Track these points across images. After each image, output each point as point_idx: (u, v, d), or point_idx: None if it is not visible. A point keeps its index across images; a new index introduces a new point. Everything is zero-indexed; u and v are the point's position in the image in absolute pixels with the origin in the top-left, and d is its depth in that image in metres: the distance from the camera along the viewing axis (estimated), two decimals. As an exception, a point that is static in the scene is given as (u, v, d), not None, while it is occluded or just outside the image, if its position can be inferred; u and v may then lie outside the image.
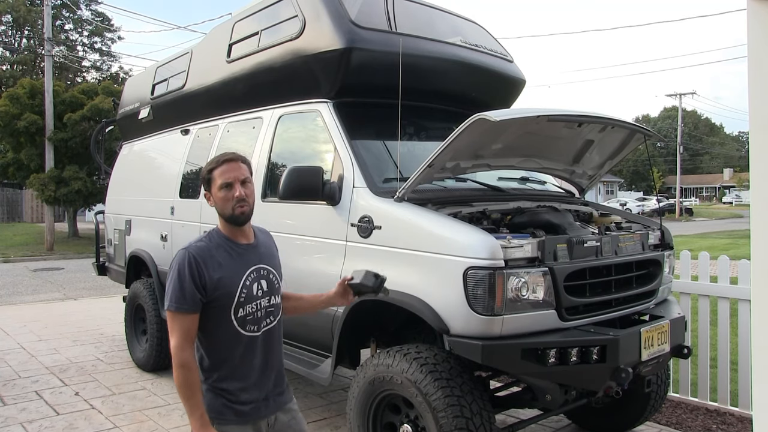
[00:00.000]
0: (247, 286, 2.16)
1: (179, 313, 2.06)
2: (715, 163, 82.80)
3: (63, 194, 17.65)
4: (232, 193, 2.13)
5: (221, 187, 2.14)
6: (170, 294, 2.07)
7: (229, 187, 2.13)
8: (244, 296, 2.15)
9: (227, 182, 2.13)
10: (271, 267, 2.27)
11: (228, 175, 2.14)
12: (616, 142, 3.94)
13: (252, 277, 2.18)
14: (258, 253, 2.24)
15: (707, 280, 4.64)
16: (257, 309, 2.20)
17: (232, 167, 2.16)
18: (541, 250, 2.99)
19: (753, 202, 1.39)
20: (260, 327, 2.21)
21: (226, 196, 2.13)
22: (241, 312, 2.15)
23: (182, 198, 5.27)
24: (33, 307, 9.30)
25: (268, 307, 2.24)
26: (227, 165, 2.16)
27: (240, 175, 2.16)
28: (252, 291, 2.17)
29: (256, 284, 2.19)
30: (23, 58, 32.39)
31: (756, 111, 1.38)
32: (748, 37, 1.39)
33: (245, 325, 2.16)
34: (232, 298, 2.12)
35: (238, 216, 2.15)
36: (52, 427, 4.37)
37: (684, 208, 45.17)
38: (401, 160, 3.65)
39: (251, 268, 2.19)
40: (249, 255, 2.21)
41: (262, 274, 2.22)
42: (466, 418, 2.83)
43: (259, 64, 4.40)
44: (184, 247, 2.12)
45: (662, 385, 3.95)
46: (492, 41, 4.78)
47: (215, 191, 2.16)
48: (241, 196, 2.13)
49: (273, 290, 2.26)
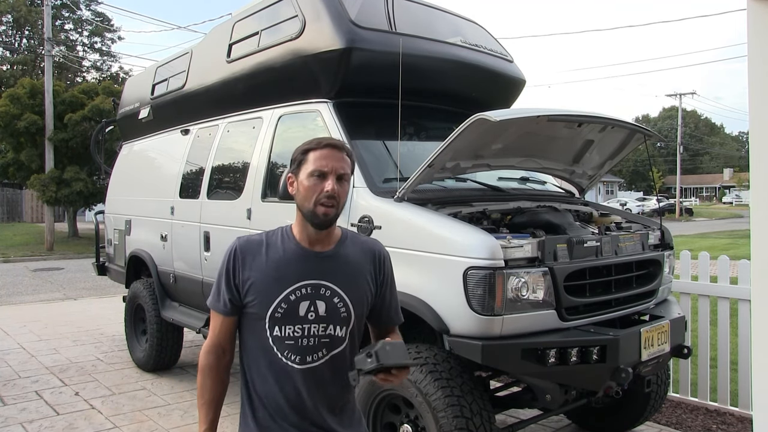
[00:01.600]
0: (291, 301, 1.73)
1: (213, 311, 1.81)
2: (715, 163, 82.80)
3: (64, 195, 17.66)
4: (322, 185, 1.70)
5: (312, 174, 1.72)
6: (213, 288, 1.81)
7: (322, 177, 1.71)
8: (282, 312, 1.73)
9: (322, 170, 1.71)
10: (339, 288, 1.76)
11: (325, 162, 1.72)
12: (616, 142, 3.95)
13: (301, 293, 1.73)
14: (328, 266, 1.77)
15: (707, 280, 4.64)
16: (303, 335, 1.74)
17: (333, 155, 1.74)
18: (541, 250, 2.99)
19: (753, 202, 1.39)
20: (305, 360, 1.75)
21: (315, 187, 1.71)
22: (277, 331, 1.74)
23: (182, 198, 5.27)
24: (33, 307, 9.30)
25: (321, 336, 1.76)
26: (329, 150, 1.74)
27: (339, 168, 1.73)
28: (296, 309, 1.73)
29: (307, 303, 1.74)
30: (23, 58, 32.40)
31: (756, 111, 1.38)
32: (748, 37, 1.39)
33: (283, 349, 1.74)
34: (264, 310, 1.73)
35: (319, 216, 1.71)
36: (52, 427, 4.37)
37: (684, 208, 45.17)
38: (401, 160, 3.64)
39: (304, 281, 1.74)
40: (310, 265, 1.76)
41: (321, 293, 1.75)
42: (466, 418, 2.83)
43: (259, 64, 4.40)
44: (239, 237, 1.82)
45: (662, 385, 3.96)
46: (492, 41, 4.78)
47: (303, 177, 1.74)
48: (333, 192, 1.70)
49: (334, 318, 1.76)
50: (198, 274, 4.88)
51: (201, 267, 4.83)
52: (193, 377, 5.55)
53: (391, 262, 1.91)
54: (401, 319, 1.96)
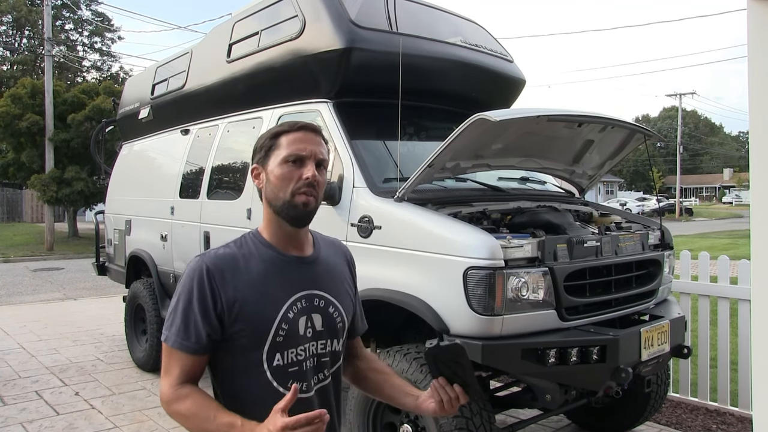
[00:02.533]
0: (290, 319, 1.46)
1: (179, 351, 1.42)
2: (715, 163, 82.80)
3: (65, 195, 17.66)
4: (300, 172, 1.46)
5: (287, 159, 1.46)
6: (173, 320, 1.43)
7: (299, 163, 1.47)
8: (284, 335, 1.45)
9: (299, 155, 1.47)
10: (331, 296, 1.55)
11: (303, 146, 1.48)
12: (616, 142, 3.95)
13: (298, 307, 1.48)
14: (314, 273, 1.54)
15: (707, 280, 4.64)
16: (305, 357, 1.49)
17: (310, 138, 1.50)
18: (541, 250, 2.99)
19: (753, 202, 1.39)
20: (310, 386, 1.50)
21: (290, 174, 1.46)
22: (278, 360, 1.45)
23: (182, 198, 5.27)
24: (33, 307, 9.30)
25: (320, 355, 1.53)
26: (304, 133, 1.49)
27: (318, 152, 1.49)
28: (296, 328, 1.47)
29: (304, 319, 1.49)
30: (23, 58, 32.39)
31: (756, 111, 1.38)
32: (748, 37, 1.39)
33: (286, 380, 1.45)
34: (263, 336, 1.43)
35: (298, 206, 1.46)
36: (52, 427, 4.37)
37: (684, 208, 45.16)
38: (401, 160, 3.65)
39: (299, 293, 1.49)
40: (298, 272, 1.51)
41: (315, 304, 1.52)
42: (465, 418, 2.83)
43: (259, 64, 4.40)
44: (200, 254, 1.48)
45: (662, 385, 3.95)
46: (492, 41, 4.78)
47: (273, 165, 1.48)
48: (313, 179, 1.46)
49: (332, 332, 1.55)
50: (198, 274, 4.87)
51: (201, 267, 4.82)
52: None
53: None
54: (366, 326, 1.79)
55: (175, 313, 1.43)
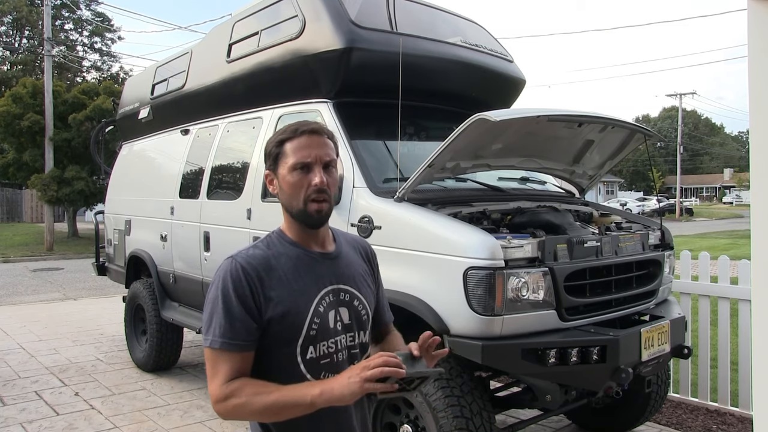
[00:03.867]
0: (321, 313, 1.52)
1: (227, 351, 1.44)
2: (716, 163, 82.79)
3: (65, 194, 17.67)
4: (309, 179, 1.50)
5: (294, 167, 1.50)
6: (213, 323, 1.45)
7: (306, 169, 1.50)
8: (316, 328, 1.51)
9: (304, 162, 1.50)
10: (355, 290, 1.61)
11: (307, 152, 1.50)
12: (616, 142, 3.95)
13: (327, 301, 1.54)
14: (336, 268, 1.60)
15: (707, 281, 4.64)
16: (336, 350, 1.55)
17: (314, 142, 1.52)
18: (541, 250, 2.99)
19: (753, 202, 1.39)
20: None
21: (300, 182, 1.50)
22: (311, 352, 1.51)
23: (182, 198, 5.27)
24: (33, 307, 9.30)
25: (350, 347, 1.59)
26: (308, 138, 1.52)
27: (324, 155, 1.52)
28: (327, 321, 1.53)
29: (333, 312, 1.55)
30: (23, 58, 32.40)
31: (756, 111, 1.38)
32: (748, 37, 1.39)
33: (319, 372, 1.51)
34: (298, 330, 1.49)
35: (311, 214, 1.51)
36: (52, 427, 4.37)
37: (684, 208, 45.17)
38: (401, 160, 3.64)
39: (326, 288, 1.55)
40: (324, 268, 1.58)
41: (342, 298, 1.58)
42: (466, 418, 2.83)
43: (259, 64, 4.40)
44: (230, 256, 1.52)
45: (662, 386, 3.95)
46: (492, 41, 4.78)
47: (283, 173, 1.52)
48: (322, 185, 1.49)
49: (359, 324, 1.61)
50: (198, 274, 4.88)
51: (201, 267, 4.83)
52: (193, 377, 5.55)
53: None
54: (392, 316, 1.86)
55: (216, 315, 1.46)
